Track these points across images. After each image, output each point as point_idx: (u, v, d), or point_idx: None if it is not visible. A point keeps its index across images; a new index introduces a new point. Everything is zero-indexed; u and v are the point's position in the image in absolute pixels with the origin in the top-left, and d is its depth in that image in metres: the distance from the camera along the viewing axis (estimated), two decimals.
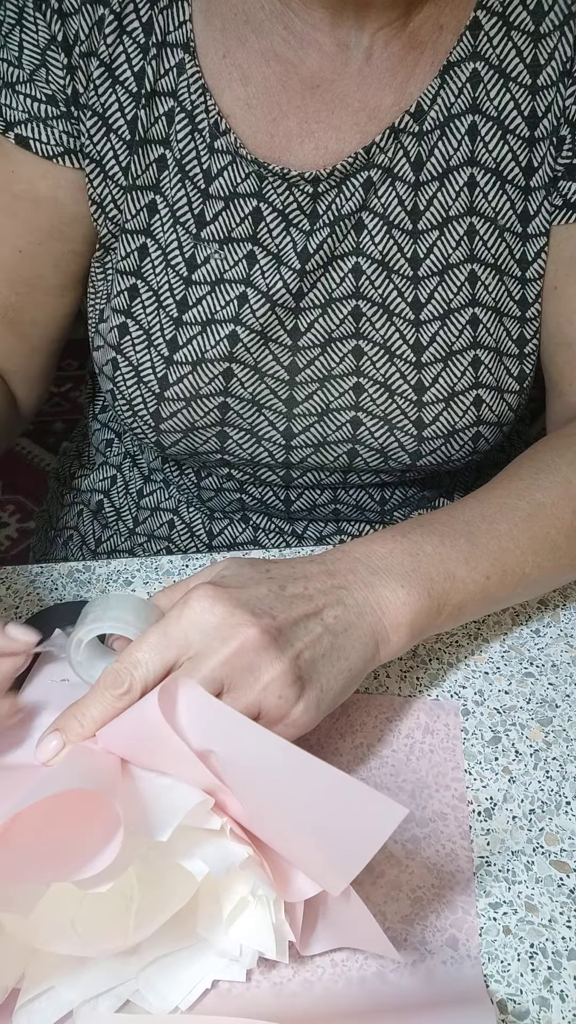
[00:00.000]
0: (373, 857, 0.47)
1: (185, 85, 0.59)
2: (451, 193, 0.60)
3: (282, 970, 0.43)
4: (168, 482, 0.78)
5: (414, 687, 0.56)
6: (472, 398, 0.63)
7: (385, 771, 0.51)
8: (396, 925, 0.45)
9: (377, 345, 0.62)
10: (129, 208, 0.62)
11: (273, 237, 0.61)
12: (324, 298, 0.62)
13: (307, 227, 0.60)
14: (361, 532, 0.77)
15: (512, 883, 0.46)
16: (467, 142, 0.59)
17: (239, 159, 0.59)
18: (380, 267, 0.61)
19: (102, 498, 0.81)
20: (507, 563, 0.50)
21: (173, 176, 0.60)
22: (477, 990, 0.42)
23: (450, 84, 0.58)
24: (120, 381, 0.64)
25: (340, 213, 0.60)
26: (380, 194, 0.60)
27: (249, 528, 0.77)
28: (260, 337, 0.62)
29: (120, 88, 0.59)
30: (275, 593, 0.44)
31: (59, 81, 0.59)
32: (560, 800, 0.50)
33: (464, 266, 0.61)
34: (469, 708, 0.54)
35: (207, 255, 0.61)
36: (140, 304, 0.63)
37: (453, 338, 0.62)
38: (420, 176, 0.59)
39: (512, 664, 0.57)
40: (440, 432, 0.63)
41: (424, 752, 0.52)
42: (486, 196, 0.60)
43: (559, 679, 0.56)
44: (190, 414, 0.64)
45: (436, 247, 0.61)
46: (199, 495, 0.76)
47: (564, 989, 0.42)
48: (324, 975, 0.43)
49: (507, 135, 0.59)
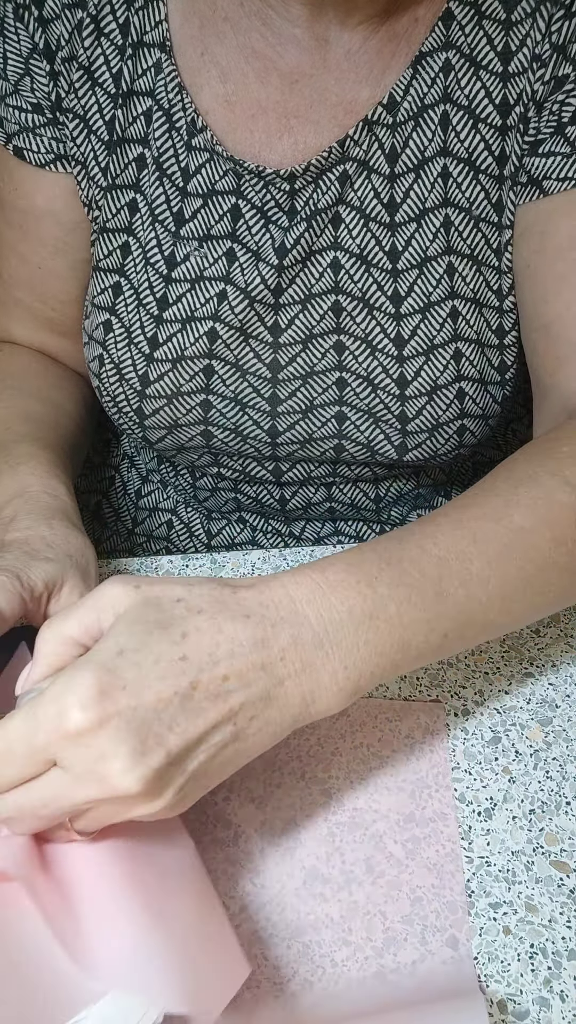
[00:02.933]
0: (373, 856, 0.47)
1: (163, 84, 0.59)
2: (426, 184, 0.59)
3: (282, 970, 0.43)
4: (165, 482, 0.78)
5: (414, 687, 0.56)
6: (455, 391, 0.62)
7: (385, 771, 0.51)
8: (396, 925, 0.45)
9: (358, 340, 0.62)
10: (109, 207, 0.62)
11: (252, 234, 0.61)
12: (304, 294, 0.62)
13: (285, 223, 0.60)
14: (358, 532, 0.77)
15: (512, 883, 0.46)
16: (440, 133, 0.58)
17: (216, 156, 0.59)
18: (359, 261, 0.61)
19: (100, 499, 0.81)
20: (472, 615, 0.44)
21: (152, 175, 0.61)
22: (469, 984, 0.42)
23: (422, 74, 0.57)
24: (104, 378, 0.65)
25: (317, 207, 0.59)
26: (356, 187, 0.59)
27: (247, 528, 0.77)
28: (240, 334, 0.62)
29: (99, 90, 0.60)
30: (181, 697, 0.36)
31: (43, 89, 0.60)
32: (560, 800, 0.50)
33: (442, 258, 0.60)
34: (469, 708, 0.54)
35: (187, 253, 0.61)
36: (123, 301, 0.63)
37: (434, 331, 0.61)
38: (395, 168, 0.59)
39: (512, 664, 0.57)
40: (424, 426, 0.63)
41: (424, 752, 0.52)
42: (459, 186, 0.59)
43: (559, 679, 0.56)
44: (172, 411, 0.64)
45: (414, 239, 0.60)
46: (195, 495, 0.76)
47: (564, 989, 0.42)
48: (324, 975, 0.43)
49: (479, 124, 0.58)
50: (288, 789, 0.50)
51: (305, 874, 0.47)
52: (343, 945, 0.44)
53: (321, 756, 0.52)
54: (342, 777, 0.51)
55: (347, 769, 0.51)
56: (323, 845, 0.48)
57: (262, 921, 0.45)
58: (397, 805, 0.49)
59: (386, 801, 0.50)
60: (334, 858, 0.47)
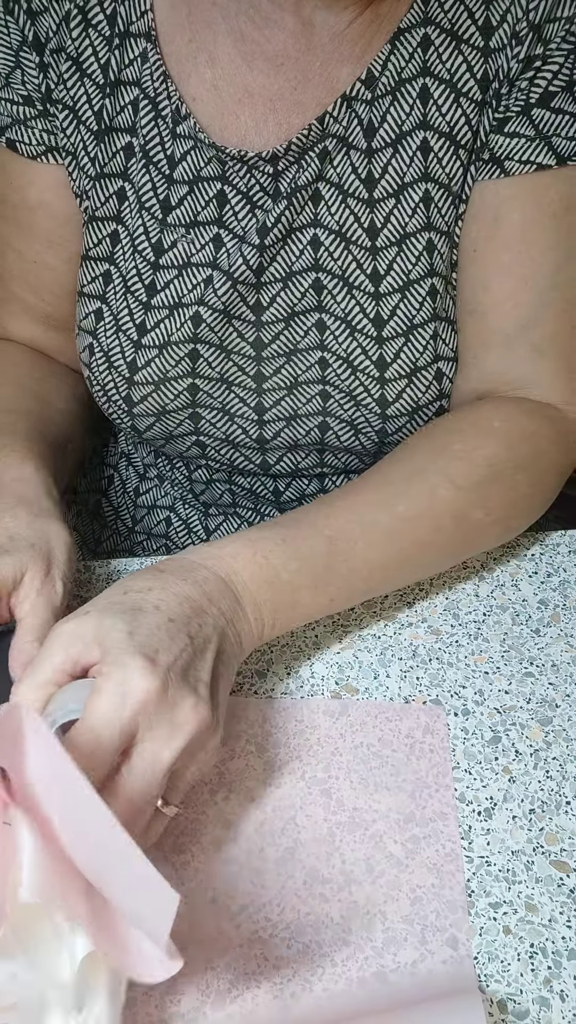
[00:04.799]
0: (373, 856, 0.47)
1: (148, 73, 0.59)
2: (405, 159, 0.59)
3: (282, 970, 0.43)
4: (162, 478, 0.78)
5: (414, 687, 0.56)
6: (434, 372, 0.62)
7: (385, 771, 0.51)
8: (396, 925, 0.45)
9: (339, 319, 0.61)
10: (98, 196, 0.63)
11: (239, 219, 0.61)
12: (284, 272, 0.61)
13: (270, 206, 0.60)
14: None
15: (512, 883, 0.46)
16: (419, 106, 0.58)
17: (200, 144, 0.59)
18: (338, 238, 0.60)
19: (100, 498, 0.81)
20: (354, 585, 0.54)
21: (139, 163, 0.61)
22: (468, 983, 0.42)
23: (400, 49, 0.57)
24: (94, 366, 0.65)
25: (297, 185, 0.59)
26: (335, 163, 0.59)
27: (244, 524, 0.77)
28: (223, 316, 0.62)
29: (88, 80, 0.60)
30: (189, 645, 0.44)
31: (34, 81, 0.60)
32: (560, 800, 0.50)
33: (422, 235, 0.60)
34: (469, 708, 0.54)
35: (174, 240, 0.62)
36: (112, 289, 0.64)
37: (413, 311, 0.61)
38: (373, 143, 0.59)
39: (512, 664, 0.57)
40: (404, 409, 0.63)
41: (424, 752, 0.52)
42: (440, 161, 0.59)
43: (559, 679, 0.56)
44: (160, 397, 0.64)
45: (393, 215, 0.60)
46: (192, 489, 0.76)
47: (564, 989, 0.42)
48: (324, 975, 0.43)
49: (460, 98, 0.57)
50: (288, 789, 0.50)
51: (305, 874, 0.47)
52: (343, 945, 0.44)
53: (321, 756, 0.52)
54: (342, 777, 0.51)
55: (347, 769, 0.51)
56: (323, 845, 0.48)
57: (262, 921, 0.45)
58: (397, 805, 0.49)
59: (386, 801, 0.50)
60: (334, 858, 0.47)
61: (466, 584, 0.62)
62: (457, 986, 0.42)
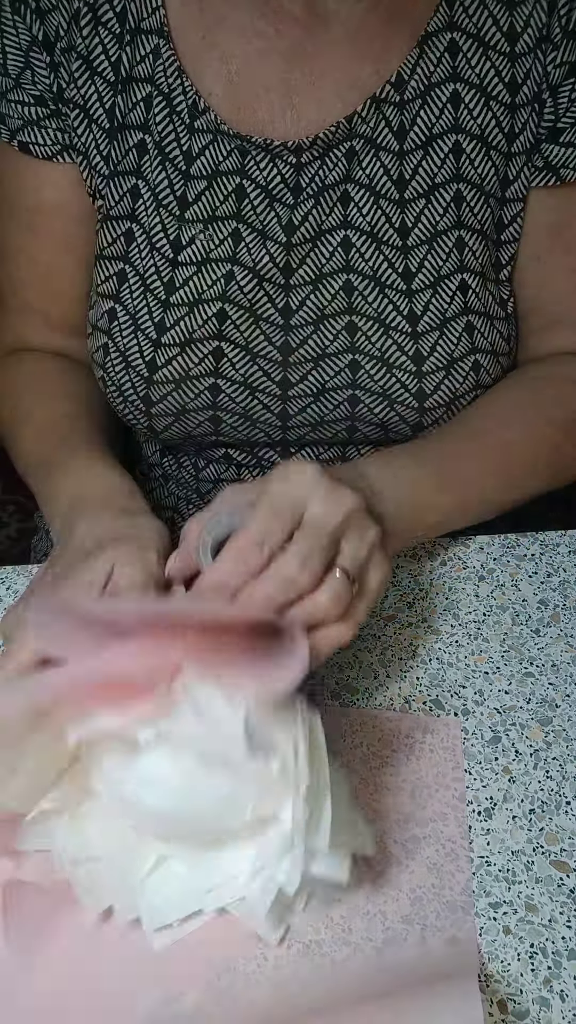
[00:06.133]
0: (373, 856, 0.47)
1: (162, 69, 0.60)
2: (436, 160, 0.61)
3: (282, 970, 0.43)
4: (167, 477, 0.78)
5: (414, 687, 0.56)
6: (471, 363, 0.63)
7: (385, 771, 0.51)
8: (396, 925, 0.45)
9: (371, 319, 0.62)
10: (112, 195, 0.63)
11: (257, 213, 0.61)
12: (315, 274, 0.62)
13: (291, 200, 0.61)
14: None
15: (512, 883, 0.46)
16: (450, 109, 0.60)
17: (220, 136, 0.60)
18: (369, 239, 0.61)
19: None
20: (469, 496, 0.60)
21: (154, 160, 0.61)
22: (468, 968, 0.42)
23: (429, 54, 0.59)
24: (109, 367, 0.65)
25: (324, 184, 0.60)
26: (364, 164, 0.60)
27: None
28: (250, 315, 0.62)
29: (99, 79, 0.60)
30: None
31: (45, 81, 0.60)
32: (560, 800, 0.50)
33: (452, 232, 0.62)
34: (469, 708, 0.54)
35: (192, 236, 0.62)
36: (128, 289, 0.64)
37: (445, 305, 0.62)
38: (404, 145, 0.60)
39: (512, 664, 0.57)
40: (442, 400, 0.64)
41: (424, 752, 0.52)
42: (472, 162, 0.61)
43: (559, 679, 0.56)
44: (181, 396, 0.64)
45: (424, 215, 0.61)
46: (197, 488, 0.76)
47: (564, 989, 0.43)
48: (325, 975, 0.43)
49: (490, 101, 0.60)
50: None
51: None
52: (343, 945, 0.44)
53: (321, 756, 0.52)
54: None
55: (347, 769, 0.51)
56: None
57: None
58: (397, 805, 0.50)
59: (386, 801, 0.50)
60: None
61: (466, 584, 0.62)
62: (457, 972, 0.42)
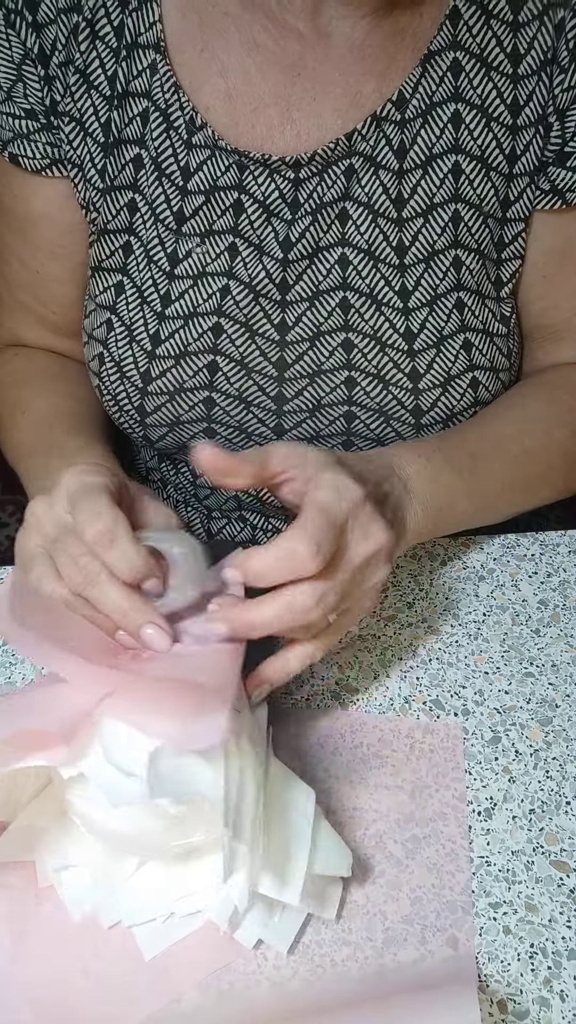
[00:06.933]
0: (373, 856, 0.47)
1: (159, 84, 0.59)
2: (435, 180, 0.60)
3: (282, 970, 0.43)
4: (165, 481, 0.78)
5: (414, 687, 0.56)
6: (468, 380, 0.63)
7: (385, 771, 0.51)
8: (396, 925, 0.45)
9: (367, 336, 0.62)
10: (109, 209, 0.63)
11: (254, 228, 0.61)
12: (311, 291, 0.62)
13: (288, 216, 0.61)
14: None
15: (512, 883, 0.46)
16: (450, 130, 0.59)
17: (218, 151, 0.59)
18: (366, 257, 0.61)
19: None
20: (489, 499, 0.61)
21: (150, 175, 0.61)
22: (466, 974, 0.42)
23: (431, 73, 0.58)
24: (105, 376, 0.65)
25: (322, 201, 0.60)
26: (363, 183, 0.60)
27: (247, 527, 0.77)
28: (245, 330, 0.62)
29: (95, 92, 0.60)
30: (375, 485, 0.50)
31: (36, 94, 0.60)
32: (560, 800, 0.50)
33: (449, 252, 0.61)
34: (469, 708, 0.54)
35: (189, 249, 0.62)
36: (124, 300, 0.64)
37: (442, 323, 0.62)
38: (404, 164, 0.60)
39: (512, 664, 0.57)
40: (439, 417, 0.64)
41: (424, 752, 0.52)
42: (471, 183, 0.61)
43: (559, 679, 0.56)
44: (175, 408, 0.64)
45: (421, 234, 0.61)
46: (195, 493, 0.76)
47: (564, 989, 0.42)
48: (324, 975, 0.43)
49: (491, 123, 0.59)
50: None
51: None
52: (343, 945, 0.44)
53: (321, 756, 0.52)
54: (342, 777, 0.51)
55: (347, 769, 0.51)
56: None
57: None
58: (397, 805, 0.50)
59: (386, 801, 0.50)
60: None
61: (466, 584, 0.62)
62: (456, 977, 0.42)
